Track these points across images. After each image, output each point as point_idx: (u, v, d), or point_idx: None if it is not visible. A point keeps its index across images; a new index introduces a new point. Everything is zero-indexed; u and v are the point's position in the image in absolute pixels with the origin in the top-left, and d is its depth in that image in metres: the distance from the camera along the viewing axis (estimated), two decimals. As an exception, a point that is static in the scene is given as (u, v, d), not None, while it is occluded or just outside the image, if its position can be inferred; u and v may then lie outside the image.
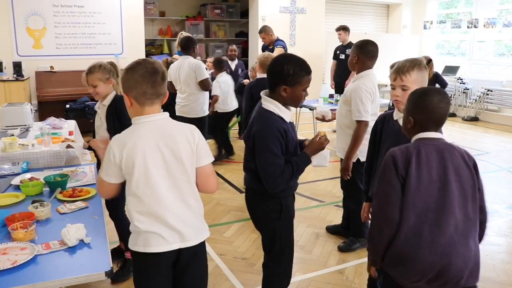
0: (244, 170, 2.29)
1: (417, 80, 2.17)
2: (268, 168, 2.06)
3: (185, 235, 1.74)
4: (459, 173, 1.72)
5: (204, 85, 4.96)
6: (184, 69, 4.89)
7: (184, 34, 6.10)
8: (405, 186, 1.68)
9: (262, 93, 2.17)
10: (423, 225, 1.66)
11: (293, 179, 2.15)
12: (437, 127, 1.78)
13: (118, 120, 2.82)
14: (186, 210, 1.75)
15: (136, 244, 1.73)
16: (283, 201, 2.21)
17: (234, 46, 7.54)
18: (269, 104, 2.12)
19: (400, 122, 2.16)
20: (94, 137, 3.07)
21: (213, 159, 1.87)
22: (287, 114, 2.14)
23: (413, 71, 2.17)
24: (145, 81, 1.72)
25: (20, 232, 1.84)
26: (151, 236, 1.71)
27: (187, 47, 4.92)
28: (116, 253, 3.04)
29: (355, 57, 3.13)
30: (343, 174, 3.21)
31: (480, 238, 1.81)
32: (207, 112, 5.17)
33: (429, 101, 1.74)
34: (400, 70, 2.19)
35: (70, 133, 3.83)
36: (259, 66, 4.46)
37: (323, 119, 3.41)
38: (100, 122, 2.95)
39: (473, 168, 1.77)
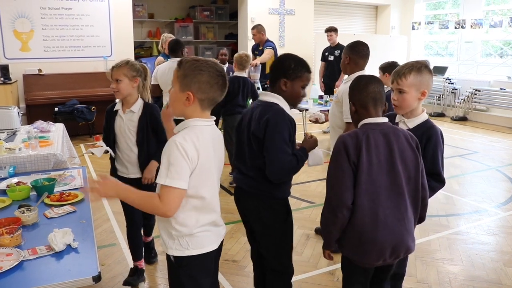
0: (237, 170, 2.27)
1: (414, 84, 2.15)
2: (279, 154, 2.07)
3: (223, 229, 1.84)
4: (403, 155, 1.83)
5: None
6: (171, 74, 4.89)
7: (166, 35, 6.06)
8: (357, 171, 1.78)
9: (261, 91, 2.22)
10: (378, 208, 1.78)
11: (296, 170, 2.17)
12: (376, 108, 1.89)
13: (154, 131, 2.71)
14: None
15: (188, 248, 1.69)
16: (288, 203, 2.28)
17: (225, 50, 7.50)
18: (272, 98, 2.18)
19: (401, 125, 2.23)
20: (110, 141, 2.80)
21: None
22: (288, 108, 2.18)
23: (410, 75, 2.15)
24: (220, 89, 1.71)
25: (6, 238, 1.81)
26: (204, 235, 1.72)
27: (176, 49, 4.91)
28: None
29: (347, 57, 3.13)
30: None
31: (423, 213, 1.97)
32: None
33: (363, 82, 1.92)
34: (397, 73, 2.20)
35: (97, 139, 3.57)
36: (235, 63, 4.74)
37: (316, 122, 3.48)
38: (124, 128, 2.73)
39: (416, 148, 1.87)
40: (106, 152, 2.78)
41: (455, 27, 9.60)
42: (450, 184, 5.10)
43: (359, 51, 3.11)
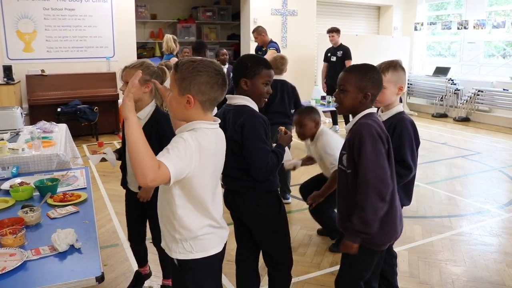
0: (226, 176, 2.27)
1: (391, 80, 2.33)
2: (260, 154, 2.12)
3: (226, 232, 1.82)
4: (389, 141, 1.94)
5: None
6: None
7: (169, 36, 6.11)
8: (388, 158, 1.90)
9: (228, 95, 2.20)
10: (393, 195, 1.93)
11: (277, 167, 2.22)
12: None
13: (159, 141, 2.34)
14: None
15: (192, 251, 1.68)
16: (275, 195, 2.32)
17: (225, 50, 7.51)
18: (240, 100, 2.22)
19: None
20: (122, 150, 2.65)
21: None
22: (257, 108, 2.23)
23: (388, 72, 2.34)
24: (220, 88, 1.66)
25: (9, 238, 1.81)
26: (208, 238, 1.70)
27: (199, 49, 5.02)
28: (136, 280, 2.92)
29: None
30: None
31: None
32: None
33: (381, 77, 1.99)
34: None
35: (100, 145, 3.38)
36: None
37: (294, 169, 3.54)
38: None
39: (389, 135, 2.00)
40: (104, 160, 2.62)
41: (458, 28, 9.58)
42: (452, 185, 5.10)
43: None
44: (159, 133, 2.41)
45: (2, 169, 2.88)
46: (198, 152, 1.56)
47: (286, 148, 2.37)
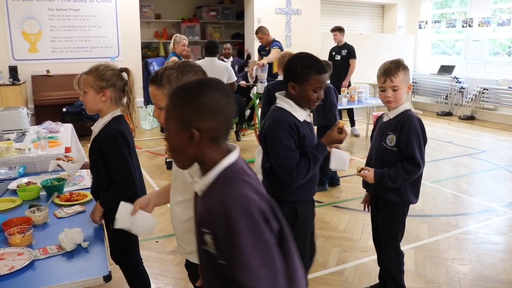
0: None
1: (404, 79, 2.32)
2: (282, 162, 2.02)
3: None
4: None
5: (233, 86, 5.48)
6: (215, 70, 5.00)
7: (179, 36, 6.16)
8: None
9: (277, 94, 2.16)
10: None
11: (311, 171, 2.06)
12: None
13: (102, 159, 2.08)
14: None
15: None
16: (298, 208, 2.14)
17: (229, 45, 7.58)
18: (282, 102, 2.11)
19: (385, 116, 2.45)
20: None
21: None
22: (301, 113, 2.09)
23: (400, 72, 2.31)
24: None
25: (17, 237, 1.82)
26: None
27: (212, 49, 5.24)
28: None
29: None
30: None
31: None
32: None
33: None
34: (388, 72, 2.32)
35: (67, 150, 3.22)
36: (278, 66, 4.38)
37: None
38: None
39: None
40: (60, 167, 2.44)
41: (463, 26, 9.54)
42: (458, 183, 5.08)
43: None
44: (106, 147, 2.08)
45: (9, 169, 2.90)
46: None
47: (345, 153, 2.16)
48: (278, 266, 1.12)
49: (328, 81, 4.20)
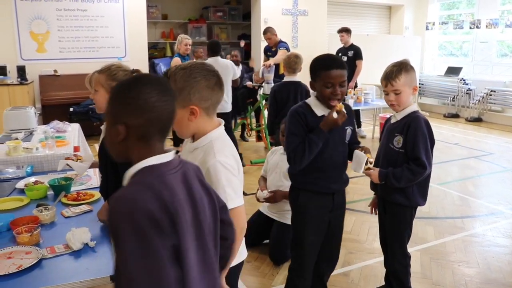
0: None
1: (406, 82, 2.30)
2: (287, 145, 2.19)
3: None
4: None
5: (237, 82, 5.88)
6: (220, 69, 5.04)
7: (181, 36, 6.20)
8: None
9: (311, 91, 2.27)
10: None
11: (306, 153, 2.10)
12: None
13: (111, 158, 2.13)
14: None
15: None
16: (301, 196, 2.27)
17: (236, 51, 7.54)
18: (310, 98, 2.24)
19: (392, 118, 2.46)
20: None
21: None
22: (320, 108, 2.18)
23: (401, 75, 2.29)
24: (219, 88, 1.57)
25: (25, 236, 1.84)
26: (242, 244, 1.75)
27: (216, 49, 5.37)
28: None
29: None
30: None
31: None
32: None
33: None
34: (389, 76, 2.31)
35: (76, 149, 3.28)
36: (284, 67, 4.35)
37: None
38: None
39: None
40: (69, 166, 2.49)
41: (470, 27, 9.49)
42: (465, 185, 5.05)
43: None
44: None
45: (17, 168, 2.92)
46: (236, 162, 1.57)
47: (363, 158, 2.17)
48: (165, 278, 1.03)
49: None
